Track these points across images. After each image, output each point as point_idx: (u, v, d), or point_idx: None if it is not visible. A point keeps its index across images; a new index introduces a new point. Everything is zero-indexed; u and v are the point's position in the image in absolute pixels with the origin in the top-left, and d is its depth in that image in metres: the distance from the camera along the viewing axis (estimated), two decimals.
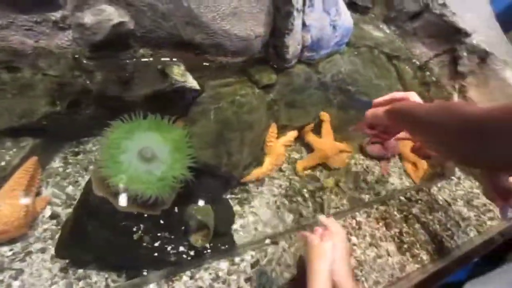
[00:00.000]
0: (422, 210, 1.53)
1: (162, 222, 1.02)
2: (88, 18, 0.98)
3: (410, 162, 1.68)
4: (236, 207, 1.23)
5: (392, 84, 1.62)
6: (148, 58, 1.12)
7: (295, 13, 1.18)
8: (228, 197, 1.25)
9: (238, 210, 1.23)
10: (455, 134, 0.55)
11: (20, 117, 1.00)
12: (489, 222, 1.60)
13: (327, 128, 1.51)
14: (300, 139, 1.53)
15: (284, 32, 1.21)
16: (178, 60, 1.15)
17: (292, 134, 1.45)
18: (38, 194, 1.07)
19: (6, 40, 0.96)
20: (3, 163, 1.00)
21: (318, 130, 1.54)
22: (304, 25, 1.29)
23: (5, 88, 0.98)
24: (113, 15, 0.99)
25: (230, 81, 1.25)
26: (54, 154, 1.15)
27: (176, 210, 1.06)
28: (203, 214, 1.04)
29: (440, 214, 1.54)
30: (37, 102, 1.01)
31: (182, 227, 1.05)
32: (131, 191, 0.94)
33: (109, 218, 0.96)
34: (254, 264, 1.10)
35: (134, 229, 0.98)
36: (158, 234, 1.01)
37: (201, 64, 1.20)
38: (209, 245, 1.05)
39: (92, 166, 1.15)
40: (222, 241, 1.09)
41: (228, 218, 1.13)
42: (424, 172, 1.67)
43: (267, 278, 1.04)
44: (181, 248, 1.02)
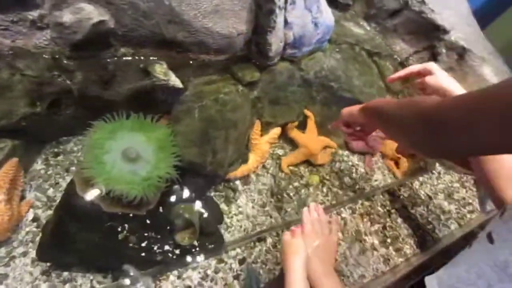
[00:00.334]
0: (405, 204, 1.55)
1: (148, 221, 1.01)
2: (66, 17, 0.96)
3: (391, 159, 1.71)
4: (222, 205, 1.22)
5: (374, 80, 1.64)
6: (129, 57, 1.10)
7: (277, 10, 1.18)
8: (213, 194, 1.25)
9: (224, 207, 1.23)
10: (411, 126, 0.60)
11: None
12: (469, 215, 1.64)
13: (311, 124, 1.52)
14: (284, 136, 1.54)
15: (266, 29, 1.21)
16: (160, 58, 1.14)
17: (276, 131, 1.45)
18: (22, 197, 1.04)
19: None
20: None
21: (302, 127, 1.54)
22: (286, 22, 1.29)
23: None
24: (92, 14, 0.97)
25: (213, 79, 1.25)
26: (36, 156, 1.12)
27: (161, 209, 1.05)
28: (189, 212, 1.04)
29: (422, 208, 1.57)
30: (16, 103, 0.99)
31: (168, 227, 1.04)
32: (116, 192, 0.93)
33: (93, 219, 0.95)
34: (242, 261, 1.11)
35: (119, 229, 0.97)
36: (144, 234, 1.00)
37: (183, 62, 1.19)
38: (196, 243, 1.05)
39: (73, 167, 1.13)
40: (209, 239, 1.08)
41: (214, 216, 1.13)
42: (405, 168, 1.70)
43: (255, 275, 1.04)
44: (167, 247, 1.02)
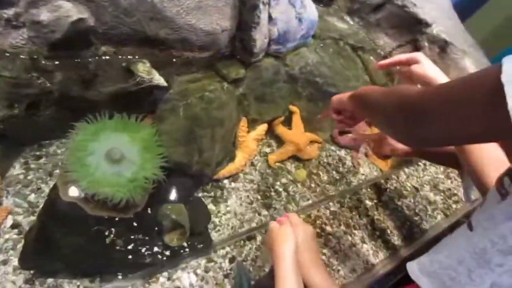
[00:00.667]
0: (392, 197, 1.57)
1: (135, 224, 0.99)
2: (44, 15, 0.93)
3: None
4: (210, 205, 1.21)
5: (358, 74, 1.64)
6: (111, 56, 1.07)
7: (261, 6, 1.17)
8: (201, 194, 1.24)
9: (212, 207, 1.22)
10: (394, 114, 0.61)
11: None
12: (454, 205, 1.67)
13: (297, 120, 1.52)
14: (270, 133, 1.53)
15: (250, 25, 1.19)
16: (143, 56, 1.11)
17: (262, 127, 1.44)
18: None
19: None
20: None
21: (288, 123, 1.54)
22: (270, 18, 1.28)
23: None
24: (71, 12, 0.94)
25: (198, 76, 1.23)
26: (14, 160, 1.08)
27: (149, 211, 1.03)
28: (177, 213, 1.02)
29: (409, 200, 1.59)
30: None
31: (156, 228, 1.02)
32: (101, 195, 0.90)
33: (78, 223, 0.93)
34: (232, 260, 1.10)
35: (106, 233, 0.95)
36: (132, 237, 0.98)
37: (167, 60, 1.17)
38: (185, 244, 1.03)
39: (57, 170, 1.09)
40: (198, 239, 1.07)
41: (203, 216, 1.11)
42: (391, 161, 1.72)
43: (245, 272, 1.04)
44: (156, 249, 1.00)
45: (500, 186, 0.59)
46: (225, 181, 1.31)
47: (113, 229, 0.96)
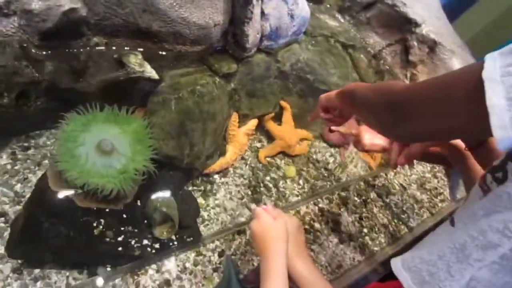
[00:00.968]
0: (380, 194, 1.59)
1: (125, 216, 0.99)
2: (35, 4, 0.92)
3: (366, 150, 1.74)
4: (199, 199, 1.21)
5: (348, 72, 1.66)
6: (103, 47, 1.07)
7: (254, 1, 1.17)
8: (191, 188, 1.24)
9: (202, 201, 1.22)
10: (381, 109, 0.62)
11: None
12: (440, 204, 1.70)
13: (288, 116, 1.53)
14: (261, 128, 1.54)
15: (243, 20, 1.20)
16: (135, 49, 1.11)
17: (253, 122, 1.45)
18: None
19: None
20: None
21: (278, 118, 1.55)
22: (262, 13, 1.29)
23: None
24: (63, 1, 0.93)
25: (190, 70, 1.22)
26: (1, 151, 1.07)
27: (138, 203, 1.03)
28: (167, 206, 1.02)
29: (396, 197, 1.61)
30: None
31: (146, 221, 1.02)
32: (91, 185, 0.90)
33: (67, 214, 0.92)
34: (221, 254, 1.10)
35: (95, 224, 0.95)
36: (121, 229, 0.98)
37: (159, 53, 1.17)
38: (174, 237, 1.03)
39: (45, 161, 1.08)
40: (187, 232, 1.07)
41: (192, 210, 1.11)
42: (380, 159, 1.74)
43: (234, 266, 1.04)
44: (145, 241, 1.00)
45: (483, 183, 0.60)
46: (215, 175, 1.31)
47: (102, 220, 0.96)
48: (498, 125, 0.40)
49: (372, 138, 1.28)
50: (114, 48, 1.08)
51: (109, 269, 0.96)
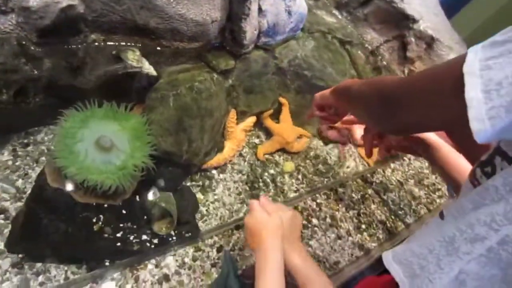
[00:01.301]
0: (378, 191, 1.59)
1: (124, 212, 1.00)
2: (33, 1, 0.92)
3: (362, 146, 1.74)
4: (198, 194, 1.22)
5: (346, 69, 1.66)
6: (100, 44, 1.07)
7: None
8: (189, 184, 1.24)
9: (200, 196, 1.22)
10: (373, 103, 0.63)
11: None
12: (438, 200, 1.70)
13: (286, 113, 1.53)
14: (259, 125, 1.54)
15: (241, 16, 1.20)
16: (133, 45, 1.11)
17: (251, 119, 1.45)
18: None
19: None
20: None
21: (276, 115, 1.55)
22: (260, 10, 1.29)
23: None
24: None
25: (187, 67, 1.23)
26: (2, 147, 1.08)
27: (137, 199, 1.03)
28: (166, 201, 1.03)
29: (394, 194, 1.62)
30: None
31: (145, 216, 1.03)
32: (90, 181, 0.90)
33: (66, 210, 0.93)
34: (219, 249, 1.11)
35: (94, 220, 0.95)
36: (120, 224, 0.98)
37: (156, 49, 1.17)
38: (173, 232, 1.04)
39: (44, 157, 1.09)
40: (186, 228, 1.08)
41: (191, 205, 1.12)
42: (377, 155, 1.74)
43: (232, 262, 1.05)
44: (144, 237, 1.01)
45: (473, 178, 0.61)
46: (213, 171, 1.32)
47: (101, 216, 0.96)
48: (475, 117, 0.41)
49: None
50: (112, 44, 1.08)
51: (108, 264, 0.96)
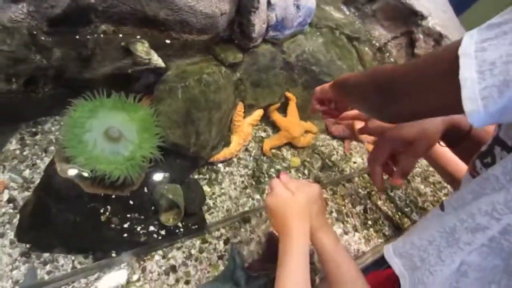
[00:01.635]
0: (384, 187, 1.58)
1: (131, 202, 1.00)
2: None
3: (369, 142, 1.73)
4: (205, 187, 1.22)
5: (353, 65, 1.65)
6: (110, 35, 1.07)
7: None
8: (197, 177, 1.24)
9: (207, 189, 1.22)
10: (370, 92, 0.62)
11: None
12: (443, 198, 1.69)
13: (293, 107, 1.53)
14: (266, 119, 1.54)
15: (250, 9, 1.20)
16: (142, 37, 1.11)
17: (258, 112, 1.45)
18: None
19: None
20: None
21: (283, 109, 1.55)
22: (269, 3, 1.28)
23: None
24: None
25: (196, 59, 1.23)
26: (11, 136, 1.08)
27: (145, 190, 1.03)
28: (174, 193, 1.03)
29: (400, 191, 1.61)
30: None
31: (152, 207, 1.03)
32: (98, 172, 0.90)
33: (74, 200, 0.93)
34: (226, 241, 1.11)
35: (102, 210, 0.95)
36: (127, 215, 0.99)
37: (165, 41, 1.16)
38: (180, 224, 1.04)
39: (52, 147, 1.09)
40: (192, 220, 1.08)
41: (198, 197, 1.12)
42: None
43: (239, 254, 1.05)
44: (151, 228, 1.01)
45: (472, 170, 0.60)
46: (220, 165, 1.32)
47: (109, 206, 0.97)
48: (468, 97, 0.41)
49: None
50: (121, 36, 1.08)
51: (115, 254, 0.97)
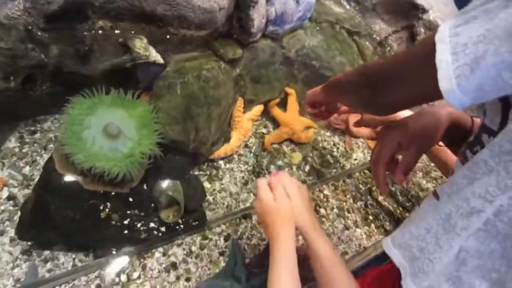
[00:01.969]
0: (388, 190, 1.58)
1: (131, 199, 0.99)
2: None
3: (372, 138, 1.73)
4: (205, 183, 1.21)
5: (354, 59, 1.64)
6: (108, 31, 1.06)
7: None
8: (197, 173, 1.24)
9: (207, 185, 1.22)
10: (360, 86, 0.64)
11: None
12: None
13: (293, 103, 1.52)
14: (266, 114, 1.53)
15: (249, 4, 1.19)
16: (140, 33, 1.10)
17: (258, 108, 1.44)
18: None
19: None
20: None
21: (283, 104, 1.54)
22: None
23: None
24: None
25: (195, 55, 1.22)
26: (9, 134, 1.08)
27: (145, 187, 1.03)
28: (173, 190, 1.02)
29: (401, 186, 1.60)
30: None
31: (152, 204, 1.02)
32: (97, 169, 0.90)
33: (74, 197, 0.92)
34: (226, 238, 1.10)
35: (101, 207, 0.95)
36: (127, 212, 0.98)
37: (164, 37, 1.16)
38: (181, 220, 1.04)
39: (52, 145, 1.09)
40: (193, 216, 1.07)
41: (198, 194, 1.11)
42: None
43: (240, 251, 1.04)
44: (151, 224, 1.00)
45: (464, 160, 0.61)
46: (220, 161, 1.31)
47: (108, 203, 0.96)
48: (443, 77, 0.43)
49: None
50: (119, 32, 1.07)
51: (115, 251, 0.96)
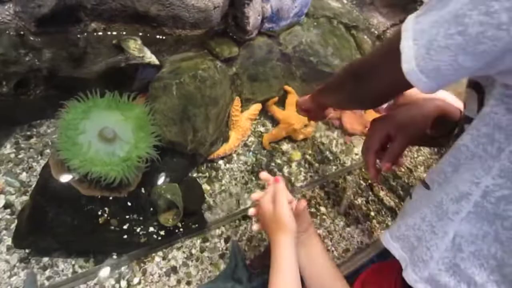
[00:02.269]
0: (387, 177, 1.57)
1: (129, 204, 0.98)
2: None
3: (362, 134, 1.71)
4: (204, 185, 1.20)
5: (352, 54, 1.62)
6: (101, 33, 1.05)
7: None
8: (196, 175, 1.23)
9: (207, 187, 1.21)
10: (345, 83, 0.68)
11: None
12: None
13: (292, 100, 1.50)
14: (265, 113, 1.52)
15: (244, 2, 1.17)
16: (134, 34, 1.09)
17: (256, 106, 1.43)
18: None
19: None
20: None
21: (282, 103, 1.53)
22: None
23: None
24: None
25: (190, 55, 1.20)
26: (5, 140, 1.06)
27: (143, 190, 1.02)
28: (172, 193, 1.01)
29: (403, 180, 1.59)
30: None
31: (151, 208, 1.01)
32: (94, 174, 0.89)
33: (71, 203, 0.92)
34: (227, 239, 1.09)
35: (99, 212, 0.94)
36: (126, 217, 0.97)
37: (158, 38, 1.14)
38: (180, 224, 1.03)
39: (48, 150, 1.08)
40: (192, 219, 1.06)
41: (197, 196, 1.11)
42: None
43: (240, 252, 1.03)
44: (151, 229, 0.99)
45: None
46: (219, 161, 1.30)
47: (106, 208, 0.95)
48: (405, 60, 0.47)
49: (351, 122, 1.29)
50: (112, 33, 1.06)
51: (115, 257, 0.95)
